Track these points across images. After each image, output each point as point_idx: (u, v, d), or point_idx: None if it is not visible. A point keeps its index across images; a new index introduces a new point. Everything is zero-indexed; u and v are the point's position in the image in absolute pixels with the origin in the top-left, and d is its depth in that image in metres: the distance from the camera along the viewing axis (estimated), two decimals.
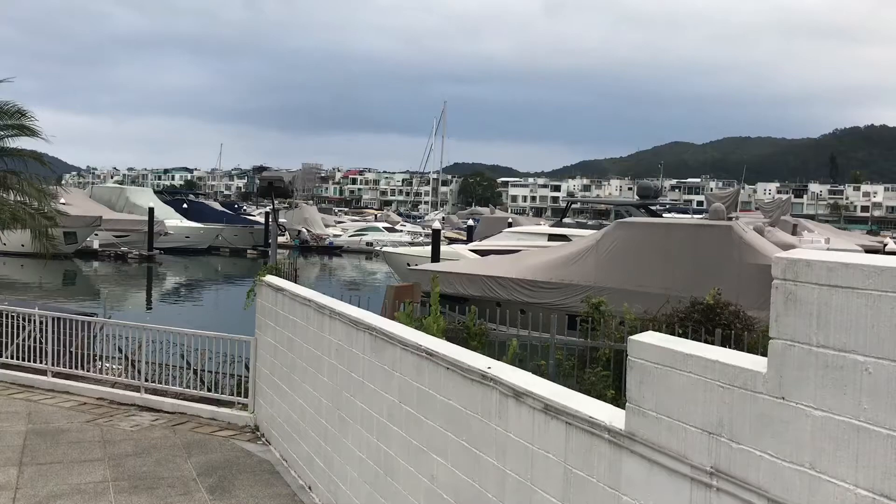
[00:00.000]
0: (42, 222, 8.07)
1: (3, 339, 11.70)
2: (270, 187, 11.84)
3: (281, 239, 48.05)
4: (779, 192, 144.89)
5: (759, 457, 2.50)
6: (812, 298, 2.35)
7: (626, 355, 3.15)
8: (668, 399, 2.88)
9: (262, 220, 61.43)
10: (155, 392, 10.50)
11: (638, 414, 3.03)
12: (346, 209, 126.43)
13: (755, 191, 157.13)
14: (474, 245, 33.92)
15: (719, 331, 8.45)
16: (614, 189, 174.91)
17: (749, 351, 6.04)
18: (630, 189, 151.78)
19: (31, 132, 7.82)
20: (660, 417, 2.92)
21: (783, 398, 2.43)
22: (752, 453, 2.52)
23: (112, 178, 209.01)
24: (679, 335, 5.77)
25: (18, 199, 7.94)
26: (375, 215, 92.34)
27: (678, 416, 2.83)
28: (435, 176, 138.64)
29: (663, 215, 33.31)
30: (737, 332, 8.78)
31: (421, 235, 59.21)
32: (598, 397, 4.27)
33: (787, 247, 18.97)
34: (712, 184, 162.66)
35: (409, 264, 28.63)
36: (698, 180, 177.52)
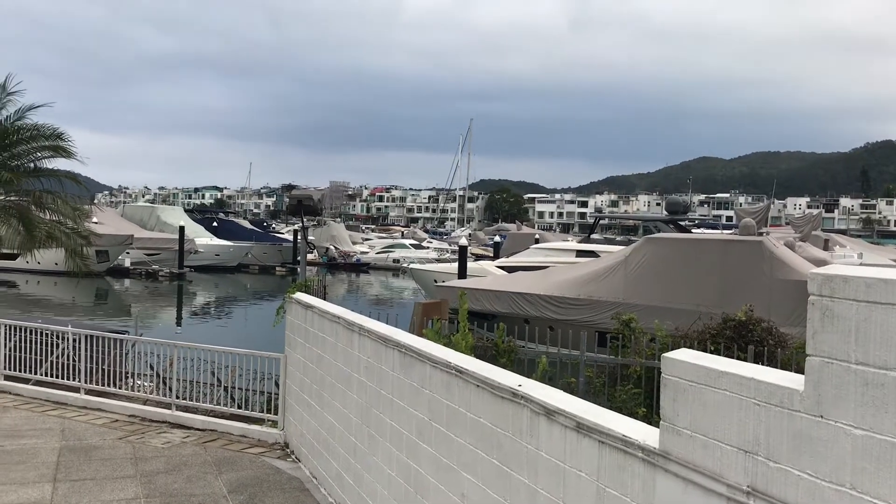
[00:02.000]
0: (77, 241, 8.20)
1: (38, 357, 11.87)
2: (300, 205, 11.94)
3: (309, 256, 48.32)
4: (809, 206, 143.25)
5: (797, 476, 2.46)
6: (850, 315, 2.31)
7: (658, 372, 3.12)
8: (703, 417, 2.85)
9: (290, 237, 61.92)
10: (186, 409, 10.59)
11: (672, 432, 2.99)
12: (372, 226, 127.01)
13: (785, 206, 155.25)
14: (501, 261, 33.87)
15: (752, 347, 8.34)
16: (642, 204, 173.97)
17: (782, 368, 5.96)
18: (658, 204, 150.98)
19: (67, 153, 7.98)
20: (694, 436, 2.88)
21: (821, 416, 2.39)
22: (790, 472, 2.48)
23: (143, 196, 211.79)
24: (711, 352, 5.69)
25: (54, 218, 8.07)
26: (402, 232, 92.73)
27: (713, 435, 2.80)
28: (461, 192, 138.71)
29: (692, 231, 33.04)
30: (770, 349, 8.66)
31: (447, 252, 59.32)
32: (630, 415, 4.23)
33: (818, 262, 18.72)
34: (741, 199, 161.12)
35: (436, 281, 28.67)
36: (727, 195, 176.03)
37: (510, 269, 28.41)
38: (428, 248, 66.02)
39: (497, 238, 53.19)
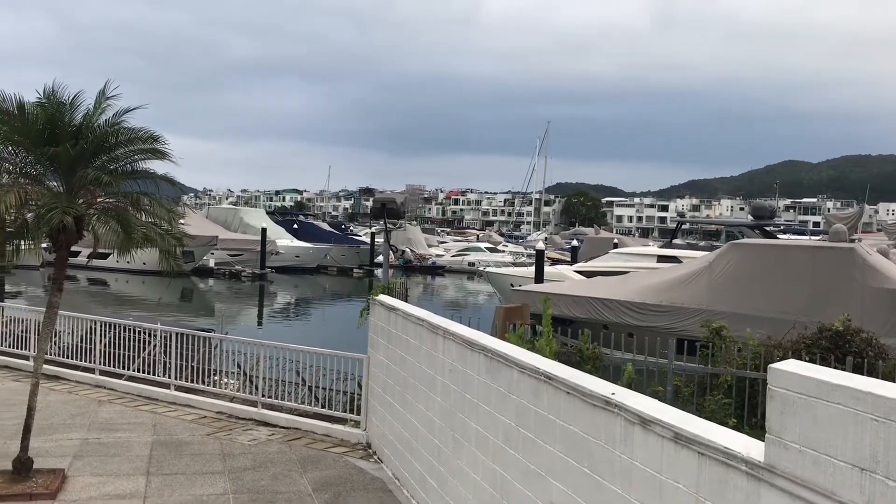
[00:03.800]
0: (170, 242, 8.45)
1: (131, 353, 12.32)
2: (383, 209, 12.06)
3: None
4: None
5: None
6: None
7: (749, 382, 3.02)
8: (814, 431, 2.75)
9: (367, 240, 62.66)
10: (271, 407, 10.81)
11: (779, 446, 2.90)
12: (448, 229, 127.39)
13: (877, 211, 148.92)
14: (579, 266, 33.51)
15: (850, 359, 8.02)
16: (725, 209, 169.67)
17: (883, 380, 5.71)
18: (742, 209, 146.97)
19: (163, 155, 8.21)
20: (804, 450, 2.78)
21: None
22: None
23: (227, 199, 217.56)
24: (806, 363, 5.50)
25: (149, 220, 8.35)
26: (477, 235, 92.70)
27: (825, 450, 2.70)
28: (537, 196, 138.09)
29: (779, 236, 32.05)
30: (870, 361, 8.30)
31: (523, 256, 59.05)
32: (719, 425, 4.12)
33: None
34: (829, 203, 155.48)
35: (512, 285, 28.56)
36: (814, 200, 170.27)
37: (588, 274, 28.10)
38: (503, 251, 65.89)
39: (574, 242, 52.55)
